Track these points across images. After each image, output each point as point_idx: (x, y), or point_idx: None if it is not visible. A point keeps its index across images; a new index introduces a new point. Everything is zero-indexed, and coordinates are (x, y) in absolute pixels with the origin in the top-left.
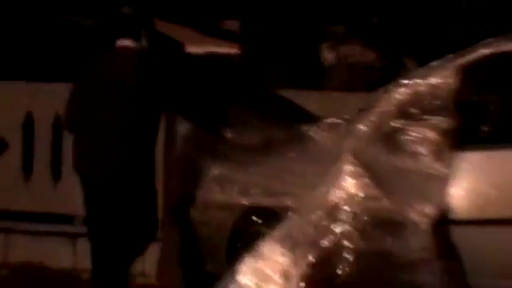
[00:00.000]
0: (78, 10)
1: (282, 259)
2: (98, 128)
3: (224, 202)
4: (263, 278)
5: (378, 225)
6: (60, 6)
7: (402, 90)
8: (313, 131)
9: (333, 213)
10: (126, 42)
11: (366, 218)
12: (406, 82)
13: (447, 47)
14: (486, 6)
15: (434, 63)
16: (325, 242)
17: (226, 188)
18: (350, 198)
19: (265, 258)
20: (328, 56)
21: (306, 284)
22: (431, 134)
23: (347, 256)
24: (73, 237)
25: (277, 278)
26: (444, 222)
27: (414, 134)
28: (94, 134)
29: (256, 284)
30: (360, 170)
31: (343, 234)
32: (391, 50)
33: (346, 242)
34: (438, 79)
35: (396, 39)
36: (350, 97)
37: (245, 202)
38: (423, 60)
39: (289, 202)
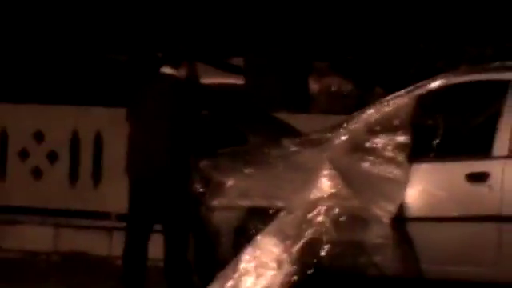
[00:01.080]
0: (115, 49)
1: (276, 249)
2: (151, 139)
3: (228, 204)
4: (261, 264)
5: (349, 218)
6: (102, 45)
7: (371, 112)
8: (298, 145)
9: (313, 209)
10: (169, 70)
11: (338, 212)
12: (374, 105)
13: (408, 79)
14: (439, 47)
15: (397, 92)
16: (308, 234)
17: (229, 192)
18: (326, 196)
19: (261, 248)
20: (314, 86)
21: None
22: (392, 147)
23: (325, 244)
24: (109, 230)
25: (272, 263)
26: (401, 218)
27: (378, 145)
28: (148, 144)
29: (255, 268)
30: (334, 173)
31: (321, 226)
32: (364, 81)
33: (323, 233)
34: (399, 104)
35: (368, 73)
36: (331, 119)
37: (244, 203)
38: (390, 89)
39: (280, 203)
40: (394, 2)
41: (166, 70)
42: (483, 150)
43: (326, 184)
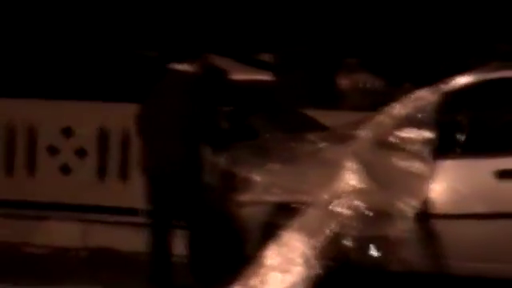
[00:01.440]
0: (145, 45)
1: (300, 244)
2: (165, 135)
3: (255, 199)
4: (286, 260)
5: (372, 212)
6: (132, 41)
7: (397, 107)
8: (323, 140)
9: (337, 203)
10: (180, 66)
11: (362, 206)
12: (400, 101)
13: (438, 76)
14: (470, 44)
15: (425, 89)
16: (332, 228)
17: (255, 188)
18: (350, 190)
19: (286, 244)
20: (343, 82)
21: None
22: (417, 141)
23: (349, 238)
24: (137, 226)
25: (297, 259)
26: (426, 214)
27: (403, 140)
28: (162, 140)
29: (280, 264)
30: (359, 166)
31: (345, 220)
32: (394, 77)
33: (347, 227)
34: (425, 100)
35: (398, 69)
36: (361, 115)
37: (269, 199)
38: (420, 86)
39: (305, 198)
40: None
41: (178, 66)
42: None
43: (350, 178)
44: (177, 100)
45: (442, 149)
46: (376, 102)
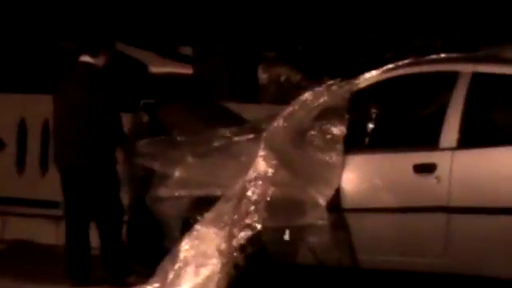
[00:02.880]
0: (65, 36)
1: (215, 237)
2: (72, 127)
3: (171, 194)
4: (200, 253)
5: (284, 201)
6: (52, 33)
7: (309, 99)
8: (235, 133)
9: (251, 192)
10: (87, 58)
11: (273, 194)
12: (312, 92)
13: (357, 70)
14: (388, 38)
15: (338, 81)
16: (245, 219)
17: (169, 183)
18: (261, 177)
19: (200, 238)
20: (263, 76)
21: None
22: (329, 133)
23: (261, 229)
24: (56, 219)
25: (212, 252)
26: (337, 205)
27: (314, 131)
28: (70, 132)
29: (194, 258)
30: (271, 154)
31: (259, 210)
32: (313, 71)
33: (261, 216)
34: (338, 94)
35: (317, 63)
36: (280, 109)
37: (186, 193)
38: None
39: (218, 191)
40: None
41: (85, 58)
42: (430, 141)
43: (261, 165)
44: (84, 92)
45: (355, 142)
46: (296, 95)
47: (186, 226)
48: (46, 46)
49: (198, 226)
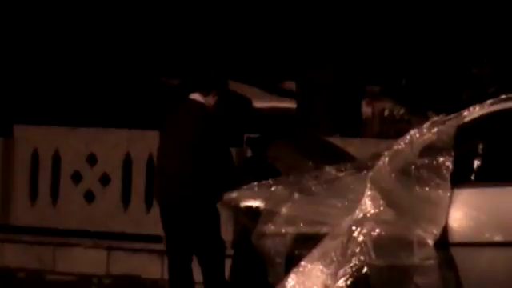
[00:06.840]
0: (168, 72)
1: (320, 274)
2: (176, 163)
3: (277, 231)
4: None
5: (391, 240)
6: (155, 68)
7: (416, 137)
8: (342, 171)
9: (357, 232)
10: (197, 96)
11: (380, 233)
12: (418, 129)
13: (461, 104)
14: (493, 73)
15: (444, 116)
16: (352, 258)
17: (277, 220)
18: (368, 217)
19: (306, 274)
20: (366, 110)
21: None
22: (436, 169)
23: (368, 267)
24: (161, 253)
25: None
26: (445, 242)
27: (420, 168)
28: (172, 168)
29: None
30: (376, 194)
31: (363, 249)
32: (417, 106)
33: (366, 256)
34: (444, 130)
35: (421, 97)
36: (383, 143)
37: (291, 230)
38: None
39: (324, 229)
40: (449, 28)
41: (195, 96)
42: None
43: (367, 205)
44: (192, 128)
45: (460, 177)
46: (400, 129)
47: (290, 263)
48: (148, 82)
49: (303, 263)
